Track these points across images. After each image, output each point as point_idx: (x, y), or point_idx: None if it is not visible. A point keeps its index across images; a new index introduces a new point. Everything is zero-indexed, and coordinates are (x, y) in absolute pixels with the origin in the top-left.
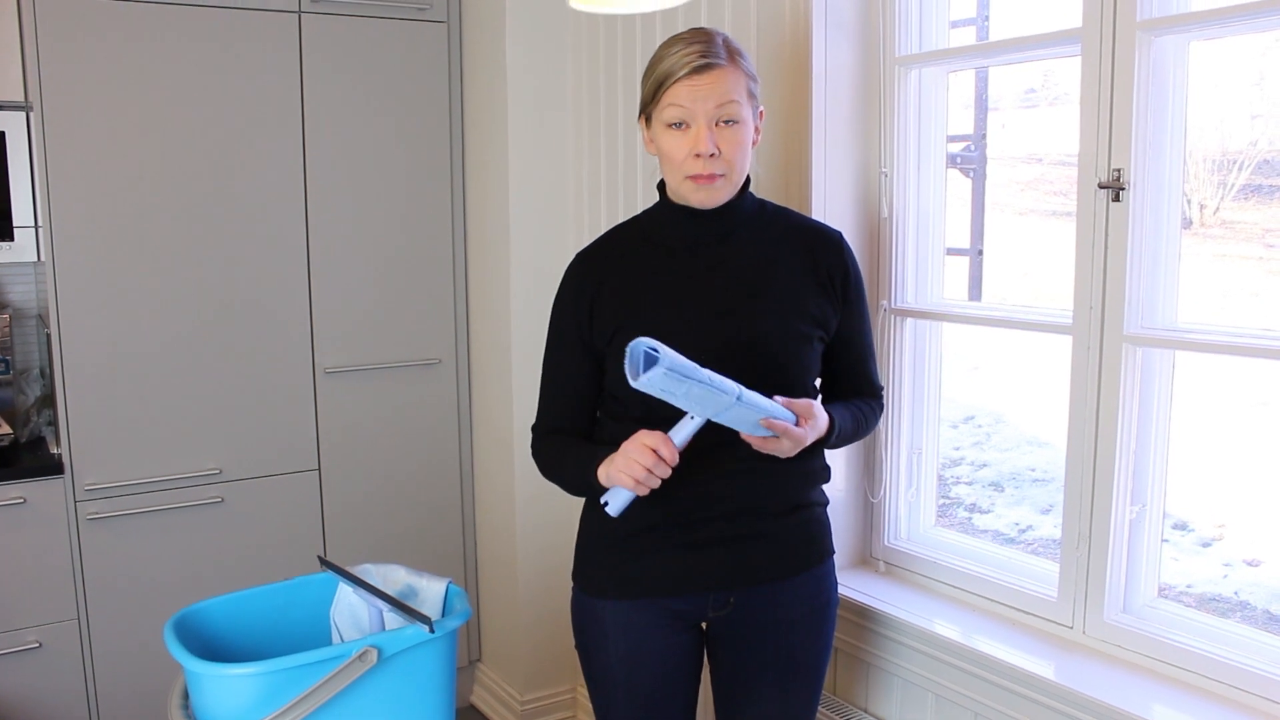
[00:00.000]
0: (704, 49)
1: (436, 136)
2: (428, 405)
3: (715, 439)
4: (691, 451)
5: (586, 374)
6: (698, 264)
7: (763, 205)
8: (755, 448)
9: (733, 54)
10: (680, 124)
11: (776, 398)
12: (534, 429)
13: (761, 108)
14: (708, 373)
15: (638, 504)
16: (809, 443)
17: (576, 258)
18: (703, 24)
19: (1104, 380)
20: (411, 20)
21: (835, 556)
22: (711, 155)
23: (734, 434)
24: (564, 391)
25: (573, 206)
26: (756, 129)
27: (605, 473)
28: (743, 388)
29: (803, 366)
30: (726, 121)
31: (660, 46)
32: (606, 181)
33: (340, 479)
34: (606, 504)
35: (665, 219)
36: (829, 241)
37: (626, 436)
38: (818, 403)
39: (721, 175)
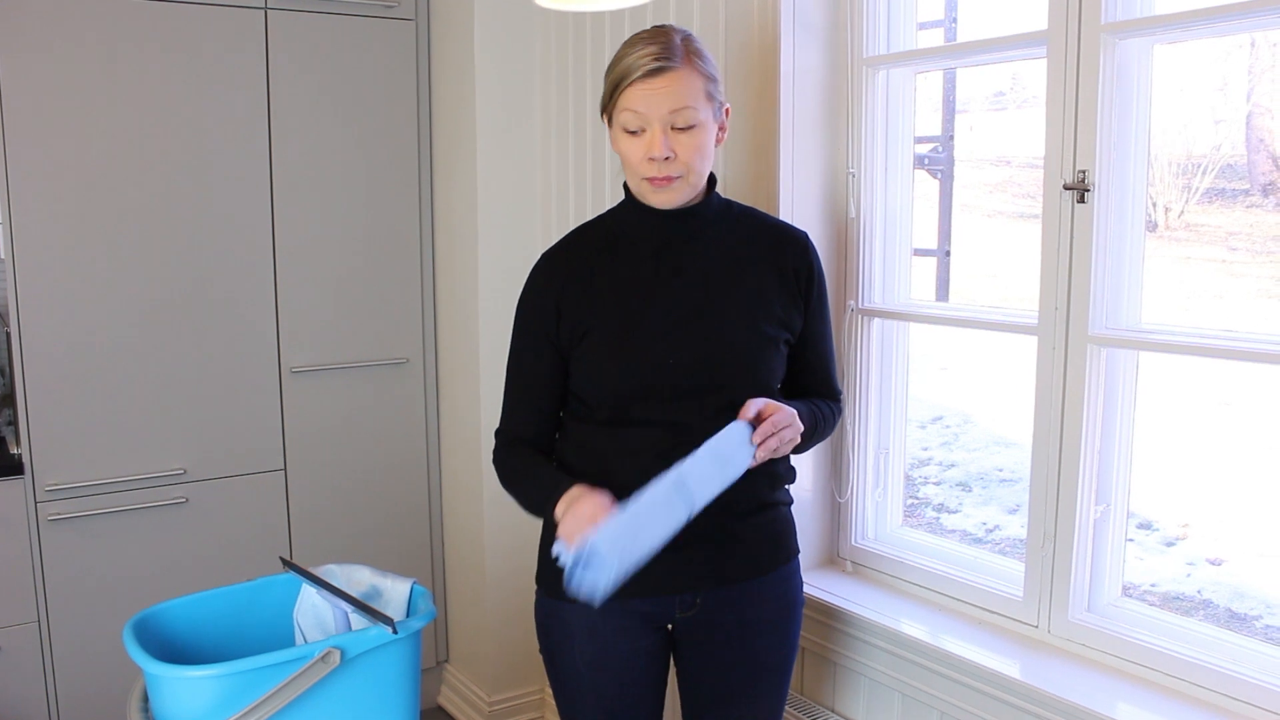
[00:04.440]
0: (659, 50)
1: (404, 134)
2: (395, 405)
3: (678, 441)
4: (658, 456)
5: (553, 375)
6: (665, 264)
7: (729, 205)
8: (768, 458)
9: (691, 54)
10: (636, 130)
11: (740, 419)
12: (498, 434)
13: (727, 105)
14: (647, 500)
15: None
16: (791, 413)
17: (542, 257)
18: (671, 23)
19: (1069, 380)
20: (379, 18)
21: (802, 556)
22: (666, 158)
23: (698, 439)
24: (531, 394)
25: (541, 205)
26: (722, 127)
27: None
28: (685, 465)
29: (770, 369)
30: (683, 127)
31: (621, 46)
32: (575, 180)
33: (306, 479)
34: (558, 557)
35: (631, 218)
36: (795, 242)
37: (592, 440)
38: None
39: (678, 177)
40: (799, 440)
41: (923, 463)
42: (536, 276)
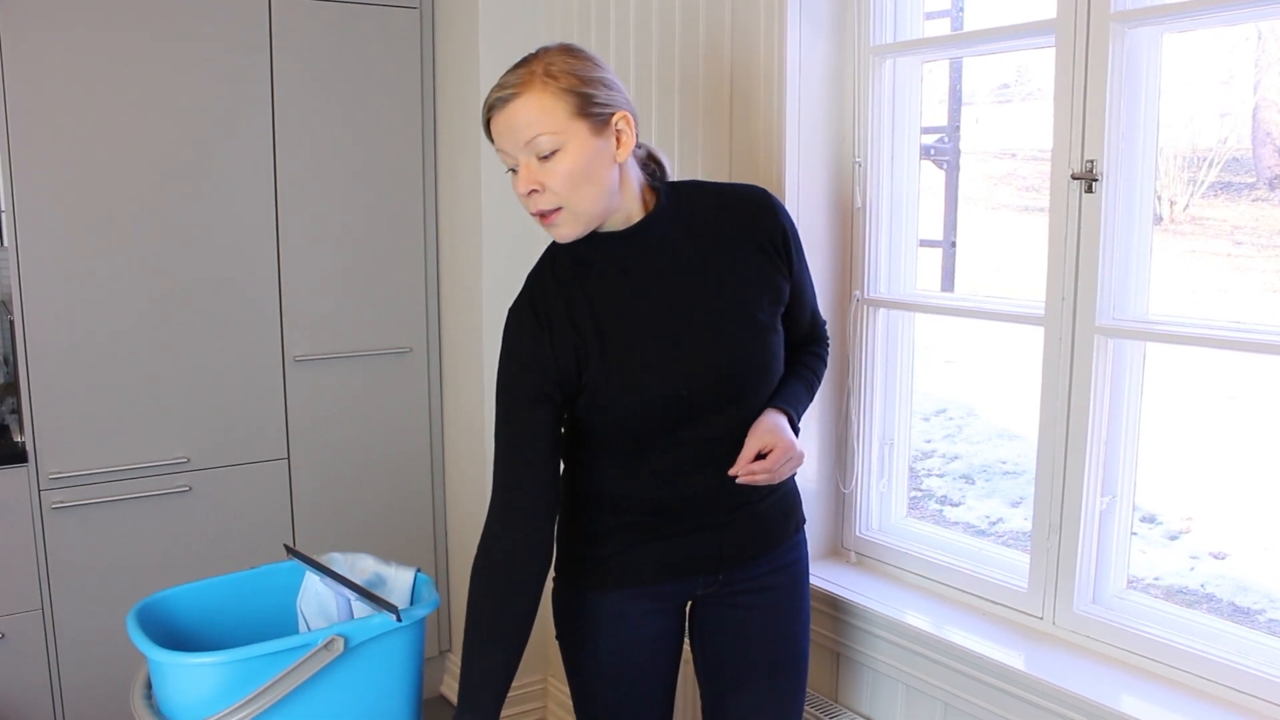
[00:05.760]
0: (505, 80)
1: (408, 123)
2: (398, 394)
3: (703, 458)
4: (681, 473)
5: (556, 434)
6: (641, 288)
7: (676, 191)
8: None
9: (544, 75)
10: (514, 169)
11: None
12: (498, 511)
13: (620, 111)
14: None
15: (624, 506)
16: (791, 440)
17: (513, 318)
18: (676, 11)
19: (1075, 371)
20: (383, 6)
21: (809, 547)
22: (533, 192)
23: (722, 450)
24: (535, 462)
25: None
26: (619, 139)
27: None
28: None
29: (777, 357)
30: (544, 155)
31: None
32: None
33: (309, 468)
34: None
35: (585, 248)
36: (759, 206)
37: (615, 462)
38: (760, 422)
39: (557, 209)
40: (798, 467)
41: (926, 455)
42: (518, 335)
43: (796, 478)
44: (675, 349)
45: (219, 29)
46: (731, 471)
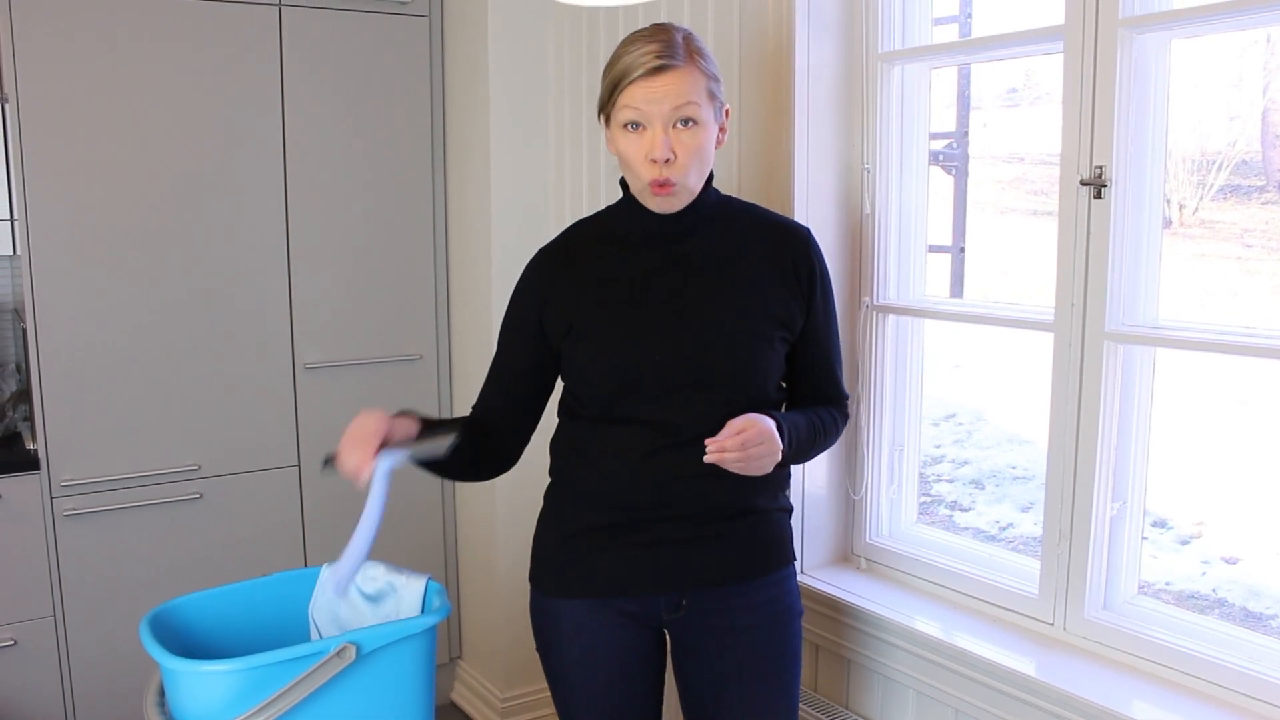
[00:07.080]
0: (661, 49)
1: (418, 131)
2: (409, 400)
3: (666, 441)
4: (644, 457)
5: (528, 368)
6: (657, 261)
7: (728, 201)
8: (733, 465)
9: (692, 53)
10: (636, 125)
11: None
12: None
13: (727, 106)
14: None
15: (588, 504)
16: (773, 432)
17: (538, 252)
18: (685, 18)
19: (1085, 377)
20: (392, 14)
21: (817, 554)
22: (666, 161)
23: (687, 438)
24: (503, 380)
25: (554, 202)
26: (722, 128)
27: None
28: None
29: (761, 368)
30: (684, 122)
31: (620, 44)
32: (588, 176)
33: (321, 475)
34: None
35: (626, 214)
36: (795, 238)
37: (581, 438)
38: (747, 414)
39: (678, 183)
40: (771, 467)
41: (935, 460)
42: (528, 272)
43: (804, 484)
44: (664, 321)
45: (229, 37)
46: (707, 441)
